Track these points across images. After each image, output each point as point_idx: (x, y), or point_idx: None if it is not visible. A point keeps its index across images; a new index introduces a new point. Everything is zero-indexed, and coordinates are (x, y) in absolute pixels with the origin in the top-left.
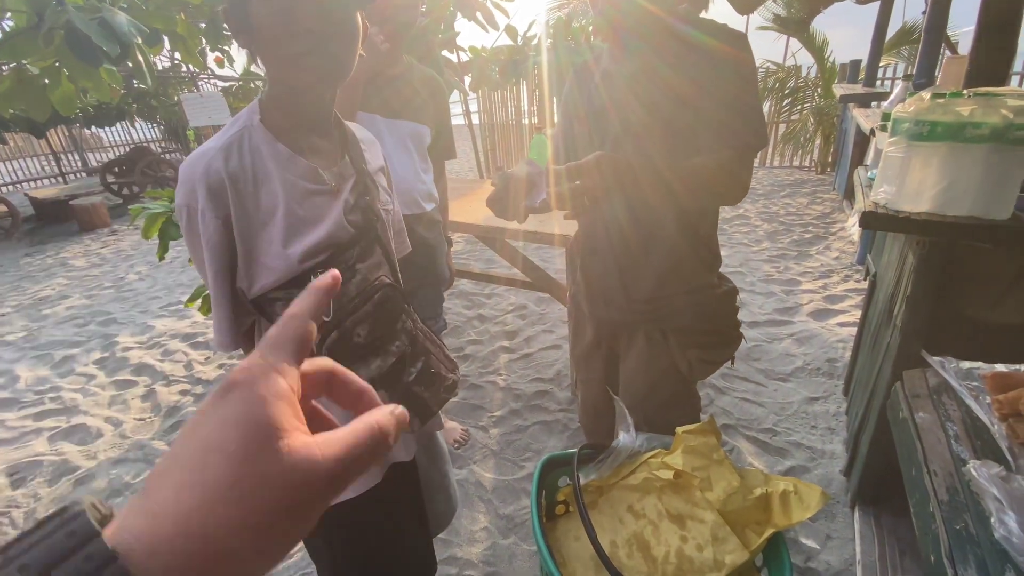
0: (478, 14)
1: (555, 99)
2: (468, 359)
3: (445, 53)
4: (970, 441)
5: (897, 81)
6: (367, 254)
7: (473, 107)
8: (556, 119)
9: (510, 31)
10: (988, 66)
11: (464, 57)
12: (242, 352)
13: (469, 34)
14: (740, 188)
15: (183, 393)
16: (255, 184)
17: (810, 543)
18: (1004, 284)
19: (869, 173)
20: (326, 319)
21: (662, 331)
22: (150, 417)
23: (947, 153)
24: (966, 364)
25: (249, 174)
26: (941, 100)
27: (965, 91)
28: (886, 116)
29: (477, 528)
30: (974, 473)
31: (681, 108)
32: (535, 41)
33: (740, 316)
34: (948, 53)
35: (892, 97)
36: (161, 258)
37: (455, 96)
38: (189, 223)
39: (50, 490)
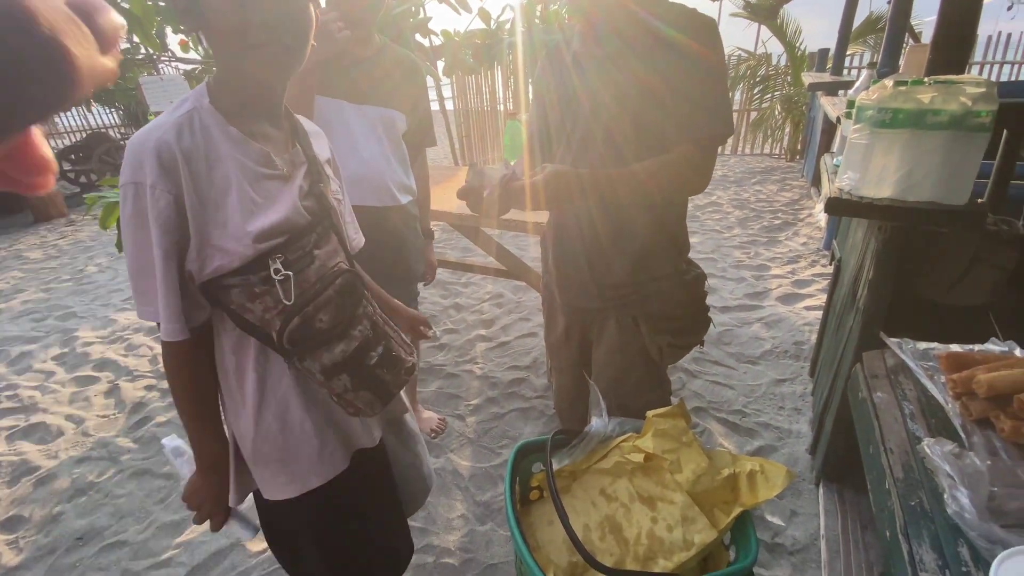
0: None
1: (530, 84)
2: (445, 348)
3: (417, 37)
4: (925, 420)
5: (863, 70)
6: (324, 241)
7: (447, 93)
8: (531, 104)
9: (483, 15)
10: (948, 54)
11: (436, 41)
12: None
13: (441, 18)
14: (703, 179)
15: (148, 388)
16: (208, 164)
17: (776, 520)
18: (960, 268)
19: (835, 160)
20: (287, 303)
21: (633, 317)
22: (114, 414)
23: (908, 140)
24: (922, 345)
25: (202, 153)
26: (903, 88)
27: (926, 79)
28: (851, 104)
29: (454, 515)
30: (928, 451)
31: (650, 99)
32: (508, 25)
33: (711, 301)
34: (912, 42)
35: (857, 85)
36: (121, 249)
37: (428, 82)
38: (136, 201)
39: (9, 491)
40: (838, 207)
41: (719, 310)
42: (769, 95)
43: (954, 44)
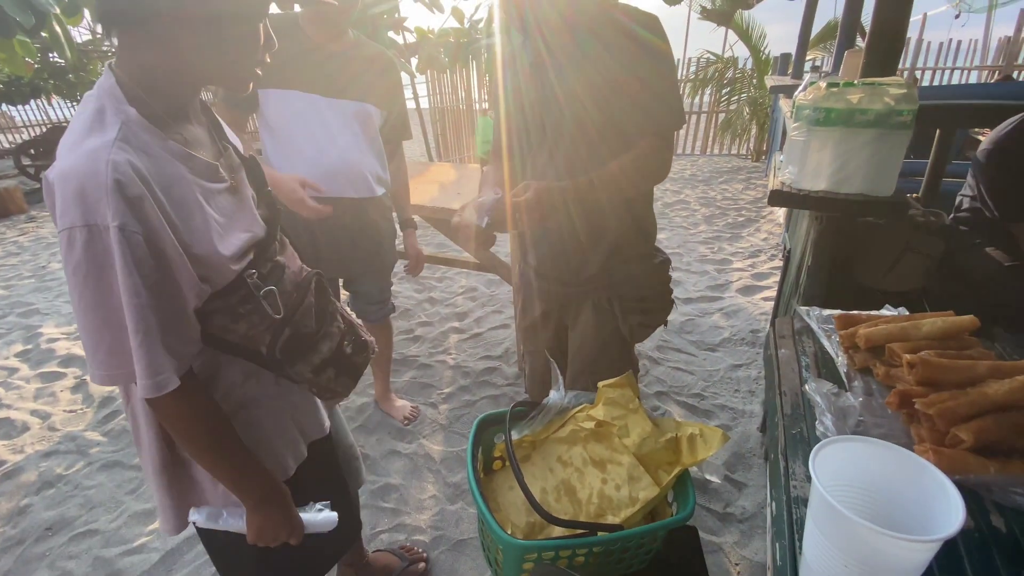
0: None
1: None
2: (419, 340)
3: (391, 34)
4: (817, 369)
5: (824, 73)
6: (283, 247)
7: (422, 91)
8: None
9: (456, 14)
10: (880, 59)
11: (411, 39)
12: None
13: (416, 15)
14: (667, 167)
15: None
16: (163, 189)
17: (730, 494)
18: (893, 256)
19: (780, 156)
20: (278, 316)
21: (608, 299)
22: (81, 408)
23: (840, 137)
24: (827, 312)
25: (154, 176)
26: (835, 89)
27: (857, 80)
28: (795, 104)
29: (425, 496)
30: (808, 390)
31: (619, 94)
32: (481, 24)
33: (676, 293)
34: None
35: (800, 87)
36: None
37: (404, 79)
38: (90, 248)
39: None
40: (779, 199)
41: (682, 301)
42: (736, 97)
43: (883, 48)
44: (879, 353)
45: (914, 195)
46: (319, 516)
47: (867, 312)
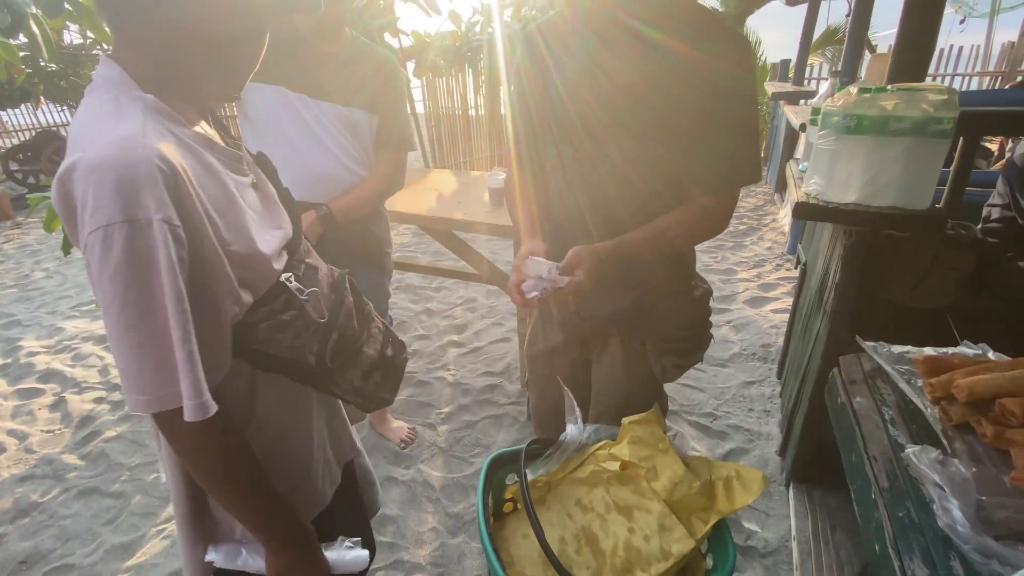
0: None
1: (507, 89)
2: (416, 355)
3: (387, 37)
4: (906, 425)
5: (823, 79)
6: (307, 248)
7: (417, 95)
8: (510, 103)
9: (453, 17)
10: (910, 62)
11: (407, 42)
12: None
13: (411, 18)
14: (719, 229)
15: (97, 401)
16: (199, 181)
17: (752, 524)
18: (921, 271)
19: (800, 165)
20: (322, 320)
21: (640, 340)
22: (59, 428)
23: (872, 146)
24: (897, 348)
25: (187, 166)
26: (867, 95)
27: (889, 86)
28: (816, 111)
29: (425, 529)
30: (913, 459)
31: (672, 144)
32: (478, 27)
33: None
34: (868, 54)
35: (821, 92)
36: (66, 252)
37: None
38: (131, 245)
39: None
40: (806, 211)
41: None
42: None
43: (915, 52)
44: (982, 406)
45: (936, 206)
46: (348, 555)
47: (955, 352)
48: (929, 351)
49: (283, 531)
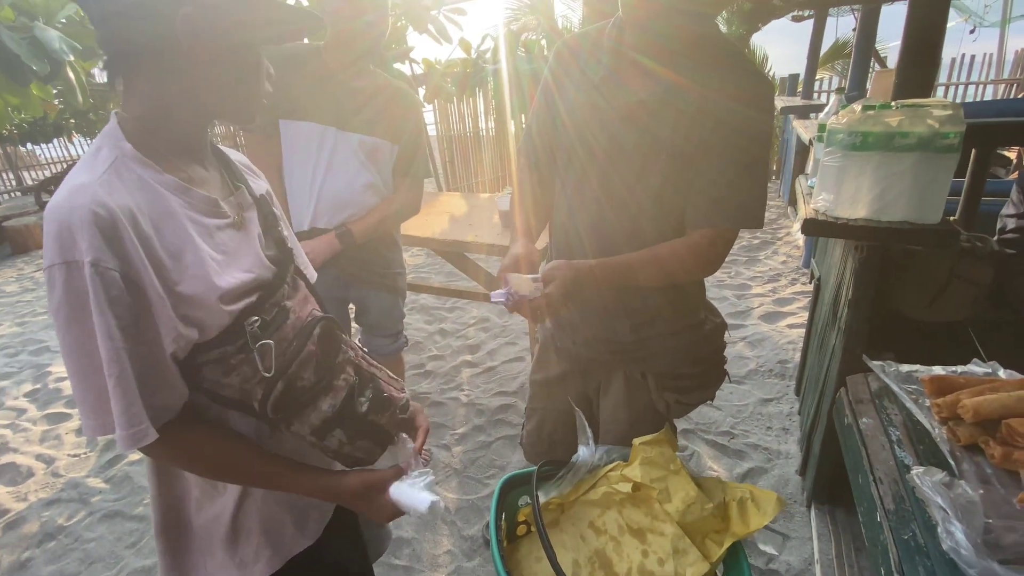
0: (430, 27)
1: (512, 110)
2: (430, 376)
3: (398, 66)
4: (913, 446)
5: (832, 94)
6: (294, 291)
7: (429, 119)
8: (535, 109)
9: (464, 45)
10: (914, 79)
11: (418, 70)
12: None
13: (423, 47)
14: (712, 266)
15: None
16: (153, 224)
17: (770, 548)
18: (937, 285)
19: (809, 181)
20: (267, 375)
21: (641, 373)
22: (85, 452)
23: (879, 162)
24: (905, 367)
25: (143, 211)
26: (871, 112)
27: (893, 103)
28: (822, 127)
29: (440, 552)
30: (918, 481)
31: (677, 178)
32: (488, 54)
33: None
34: (878, 67)
35: (826, 109)
36: None
37: None
38: (69, 285)
39: None
40: (815, 228)
41: None
42: None
43: (919, 68)
44: (990, 427)
45: (951, 218)
46: (417, 501)
47: (962, 370)
48: (937, 370)
49: (317, 489)
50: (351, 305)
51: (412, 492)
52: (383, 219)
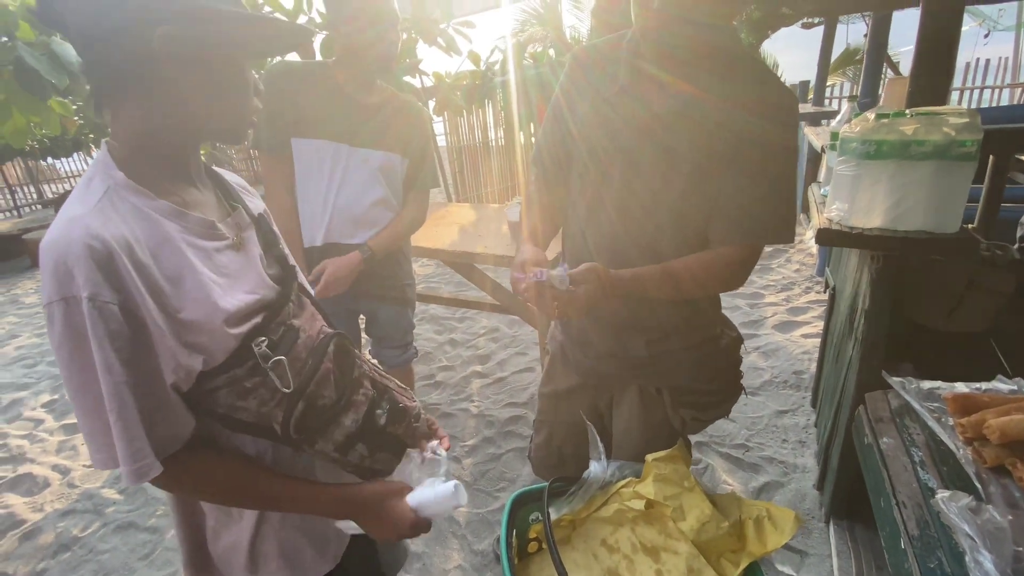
0: (439, 40)
1: (520, 121)
2: (440, 386)
3: (407, 78)
4: (937, 468)
5: (844, 100)
6: (299, 308)
7: (439, 129)
8: (547, 119)
9: (473, 57)
10: (928, 86)
11: (428, 82)
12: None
13: (433, 59)
14: (737, 283)
15: None
16: (150, 251)
17: (787, 568)
18: (956, 294)
19: (822, 190)
20: (287, 390)
21: (656, 388)
22: None
23: (895, 170)
24: (927, 384)
25: (140, 239)
26: (885, 120)
27: (908, 111)
28: (834, 136)
29: (450, 567)
30: (943, 506)
31: (697, 193)
32: (497, 66)
33: None
34: (890, 72)
35: (838, 118)
36: None
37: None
38: (67, 321)
39: None
40: (829, 237)
41: None
42: None
43: (933, 75)
44: (1018, 448)
45: (969, 225)
46: (435, 492)
47: (986, 387)
48: (960, 387)
49: (336, 501)
50: (361, 316)
51: (430, 489)
52: (399, 234)
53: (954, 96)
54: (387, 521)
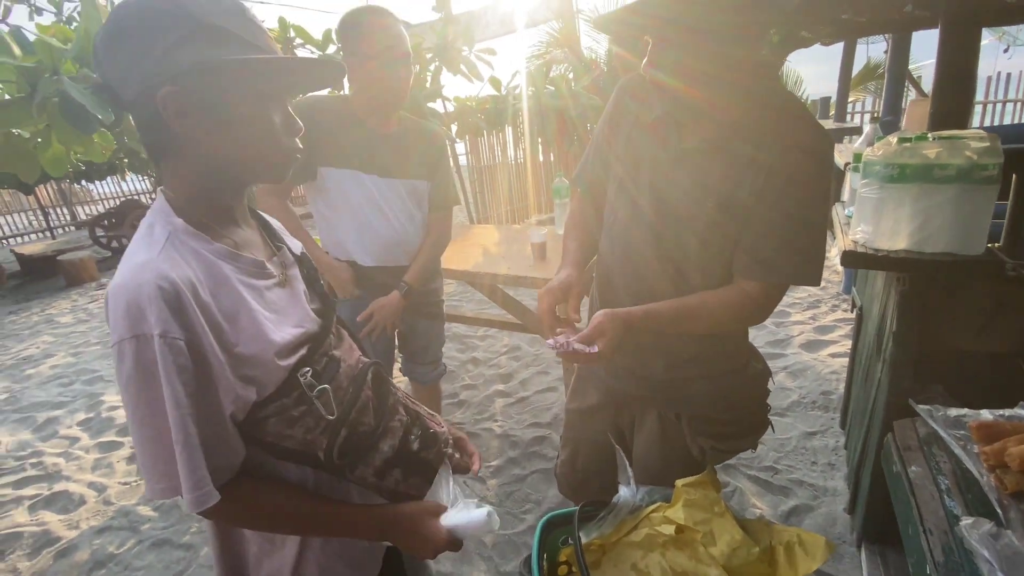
0: (462, 67)
1: (536, 140)
2: (463, 405)
3: (430, 105)
4: (962, 495)
5: (866, 114)
6: (339, 340)
7: (460, 149)
8: (591, 145)
9: (494, 82)
10: (949, 109)
11: (450, 107)
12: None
13: (454, 84)
14: (760, 318)
15: None
16: (210, 291)
17: None
18: (986, 314)
19: (846, 211)
20: (331, 418)
21: (676, 413)
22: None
23: (918, 193)
24: (954, 412)
25: (201, 280)
26: (907, 144)
27: (929, 134)
28: (857, 157)
29: None
30: (965, 532)
31: (725, 226)
32: (518, 90)
33: None
34: (912, 89)
35: (861, 139)
36: None
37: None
38: (139, 357)
39: (30, 564)
40: (854, 260)
41: None
42: None
43: (954, 97)
44: None
45: (995, 244)
46: (473, 515)
47: (1009, 416)
48: (985, 415)
49: (376, 521)
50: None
51: (465, 512)
52: (431, 258)
53: (977, 110)
54: (421, 540)
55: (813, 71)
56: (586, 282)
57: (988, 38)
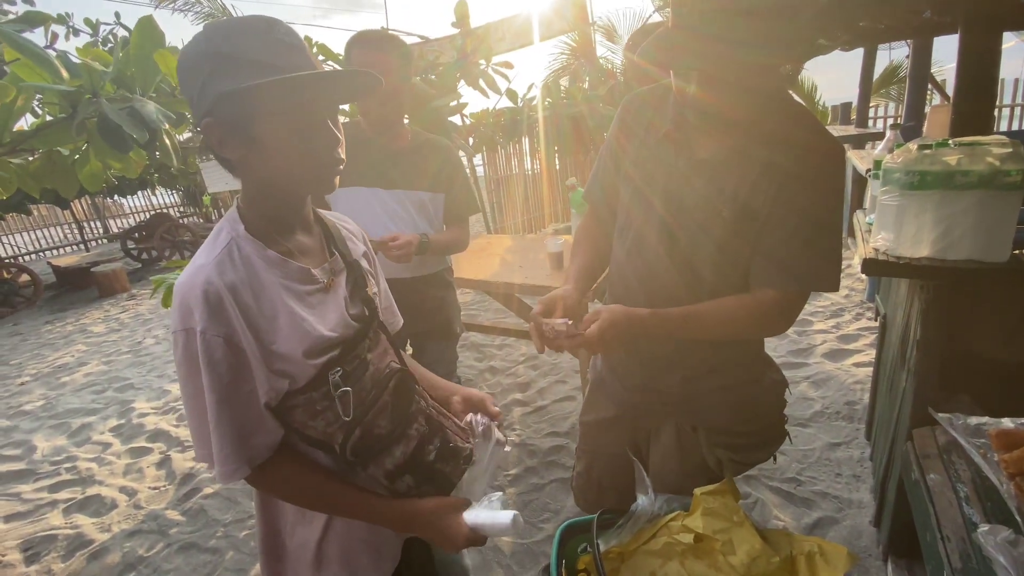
0: (481, 81)
1: (553, 149)
2: None
3: (452, 119)
4: (980, 503)
5: (887, 120)
6: (375, 344)
7: (477, 160)
8: (602, 154)
9: (511, 95)
10: (971, 114)
11: (468, 120)
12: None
13: (468, 96)
14: (779, 328)
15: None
16: (254, 294)
17: None
18: (1013, 321)
19: (868, 218)
20: (347, 419)
21: (692, 426)
22: (164, 485)
23: (940, 200)
24: (974, 420)
25: (247, 284)
26: (928, 151)
27: (950, 140)
28: (877, 164)
29: None
30: (982, 540)
31: (743, 232)
32: (535, 102)
33: None
34: (935, 93)
35: (881, 146)
36: None
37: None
38: (187, 348)
39: (63, 566)
40: (876, 267)
41: None
42: None
43: (976, 102)
44: None
45: (1021, 251)
46: (498, 517)
47: None
48: (1006, 423)
49: (397, 512)
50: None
51: (490, 512)
52: (449, 242)
53: (1003, 113)
54: (443, 534)
55: (832, 78)
56: (583, 302)
57: (1013, 40)
